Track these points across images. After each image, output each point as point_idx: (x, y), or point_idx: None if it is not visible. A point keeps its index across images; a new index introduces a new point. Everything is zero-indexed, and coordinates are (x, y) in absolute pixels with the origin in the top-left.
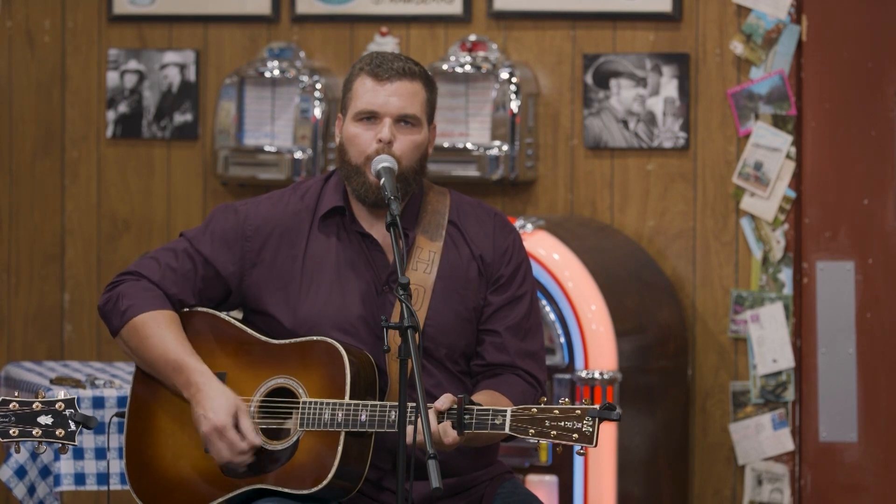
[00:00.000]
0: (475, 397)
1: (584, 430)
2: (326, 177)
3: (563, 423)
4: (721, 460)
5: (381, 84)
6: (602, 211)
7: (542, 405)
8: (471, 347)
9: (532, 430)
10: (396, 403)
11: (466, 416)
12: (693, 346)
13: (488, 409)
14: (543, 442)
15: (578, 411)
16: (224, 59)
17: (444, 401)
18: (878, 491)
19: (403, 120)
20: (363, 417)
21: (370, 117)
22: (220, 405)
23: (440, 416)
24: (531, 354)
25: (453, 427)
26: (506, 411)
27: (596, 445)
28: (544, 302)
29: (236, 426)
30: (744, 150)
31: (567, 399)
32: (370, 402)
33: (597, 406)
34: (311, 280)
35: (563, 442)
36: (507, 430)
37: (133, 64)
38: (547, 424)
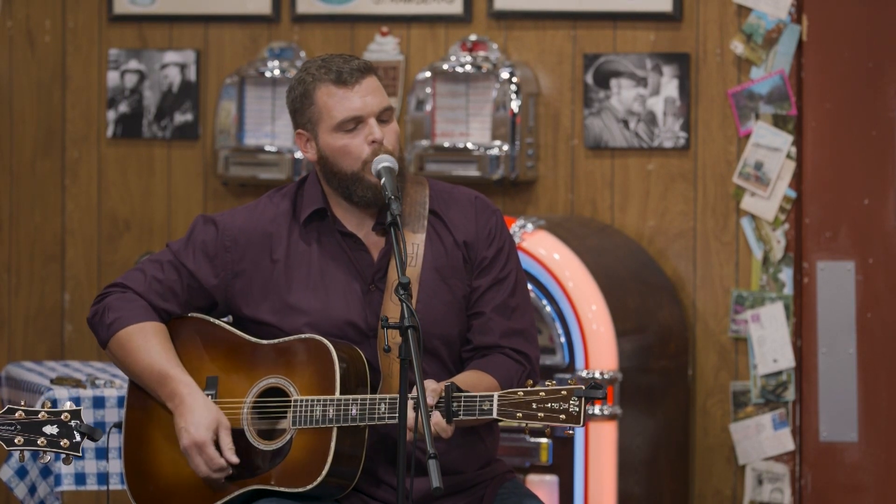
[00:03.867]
0: (459, 377)
1: (570, 410)
2: (300, 182)
3: (549, 405)
4: (721, 460)
5: (351, 88)
6: (602, 211)
7: (529, 388)
8: (464, 335)
9: (519, 414)
10: (385, 396)
11: (454, 404)
12: (693, 346)
13: (475, 396)
14: (532, 425)
15: (564, 392)
16: (224, 59)
17: (432, 396)
18: (879, 491)
19: (381, 114)
20: (353, 412)
21: (355, 125)
22: (202, 419)
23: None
24: (518, 332)
25: (443, 416)
26: (492, 396)
27: (583, 425)
28: (545, 302)
29: (216, 442)
30: (744, 150)
31: (553, 381)
32: (360, 397)
33: (582, 386)
34: (295, 284)
35: (551, 423)
36: (494, 415)
37: (133, 64)
38: (534, 407)
